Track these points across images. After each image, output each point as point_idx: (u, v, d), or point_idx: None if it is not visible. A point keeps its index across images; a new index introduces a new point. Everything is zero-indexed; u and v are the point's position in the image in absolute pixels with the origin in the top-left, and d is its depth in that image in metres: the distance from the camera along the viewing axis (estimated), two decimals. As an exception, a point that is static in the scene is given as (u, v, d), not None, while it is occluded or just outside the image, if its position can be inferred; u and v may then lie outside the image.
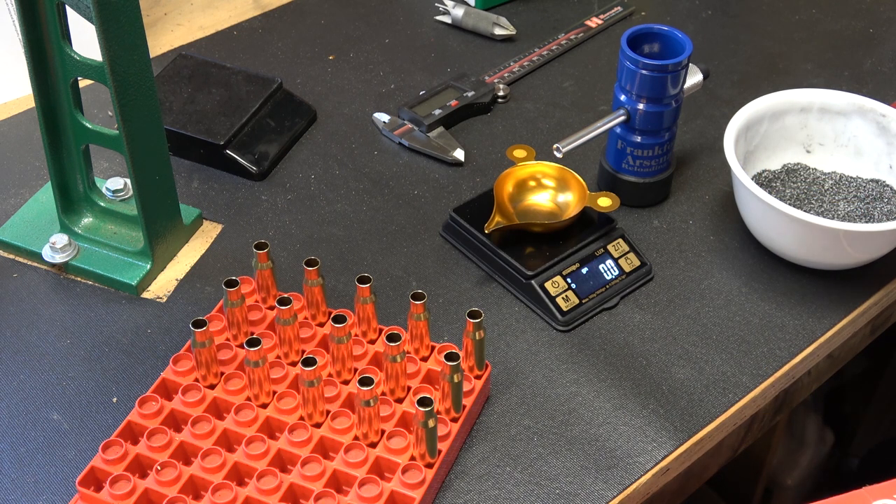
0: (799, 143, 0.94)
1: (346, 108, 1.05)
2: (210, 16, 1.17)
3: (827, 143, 0.94)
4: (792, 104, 0.93)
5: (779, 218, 0.84)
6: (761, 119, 0.92)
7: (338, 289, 0.87)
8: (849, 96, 0.93)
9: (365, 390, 0.69)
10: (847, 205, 0.89)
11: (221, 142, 0.96)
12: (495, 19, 1.13)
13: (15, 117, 1.03)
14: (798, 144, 0.94)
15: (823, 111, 0.94)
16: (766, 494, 1.41)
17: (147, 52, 0.78)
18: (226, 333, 0.80)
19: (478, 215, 0.89)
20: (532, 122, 1.04)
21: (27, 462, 0.75)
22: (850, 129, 0.93)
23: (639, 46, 0.89)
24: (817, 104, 0.93)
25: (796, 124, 0.94)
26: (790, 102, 0.93)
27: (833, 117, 0.94)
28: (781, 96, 0.93)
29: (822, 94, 0.93)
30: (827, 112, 0.94)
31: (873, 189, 0.91)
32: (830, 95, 0.93)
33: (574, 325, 0.84)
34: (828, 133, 0.94)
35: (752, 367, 0.82)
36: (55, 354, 0.82)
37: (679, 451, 0.77)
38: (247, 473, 0.72)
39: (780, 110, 0.93)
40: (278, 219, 0.93)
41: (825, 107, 0.93)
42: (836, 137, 0.94)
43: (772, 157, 0.94)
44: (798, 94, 0.94)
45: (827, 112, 0.94)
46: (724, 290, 0.88)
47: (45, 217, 0.90)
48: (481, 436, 0.77)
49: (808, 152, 0.94)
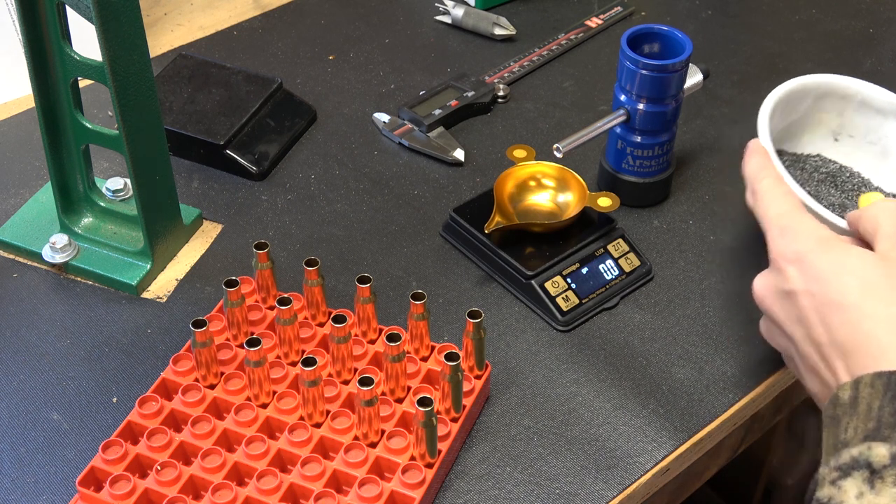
0: (829, 130, 0.92)
1: (346, 108, 1.05)
2: (210, 16, 1.17)
3: (857, 136, 0.92)
4: (836, 89, 0.90)
5: None
6: (801, 98, 0.89)
7: (338, 289, 0.87)
8: (893, 96, 0.90)
9: (365, 390, 0.69)
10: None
11: (221, 142, 0.96)
12: (495, 19, 1.13)
13: (15, 117, 1.03)
14: (828, 131, 0.92)
15: (863, 104, 0.91)
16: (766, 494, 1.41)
17: (147, 52, 0.78)
18: (226, 333, 0.80)
19: (478, 215, 0.89)
20: (532, 122, 1.04)
21: (27, 462, 0.75)
22: (884, 129, 0.91)
23: (639, 46, 0.89)
24: (860, 96, 0.90)
25: (834, 110, 0.91)
26: (834, 86, 0.90)
27: (871, 113, 0.91)
28: (825, 78, 0.90)
29: (868, 88, 0.90)
30: (866, 106, 0.91)
31: None
32: (875, 91, 0.90)
33: (574, 325, 0.84)
34: (860, 127, 0.91)
35: (752, 367, 0.82)
36: (55, 354, 0.82)
37: (679, 451, 0.77)
38: (247, 473, 0.72)
39: (822, 92, 0.90)
40: (278, 219, 0.93)
41: (867, 101, 0.90)
42: (867, 133, 0.91)
43: (800, 137, 0.92)
44: (844, 80, 0.90)
45: (866, 106, 0.91)
46: (724, 290, 0.88)
47: (45, 217, 0.90)
48: (481, 436, 0.77)
49: (836, 140, 0.93)
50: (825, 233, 0.69)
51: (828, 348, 0.65)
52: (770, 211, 0.73)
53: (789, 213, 0.72)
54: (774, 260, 0.70)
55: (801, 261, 0.68)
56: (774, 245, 0.71)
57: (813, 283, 0.66)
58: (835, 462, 0.58)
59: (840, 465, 0.58)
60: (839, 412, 0.61)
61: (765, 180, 0.75)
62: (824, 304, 0.65)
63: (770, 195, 0.74)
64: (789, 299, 0.68)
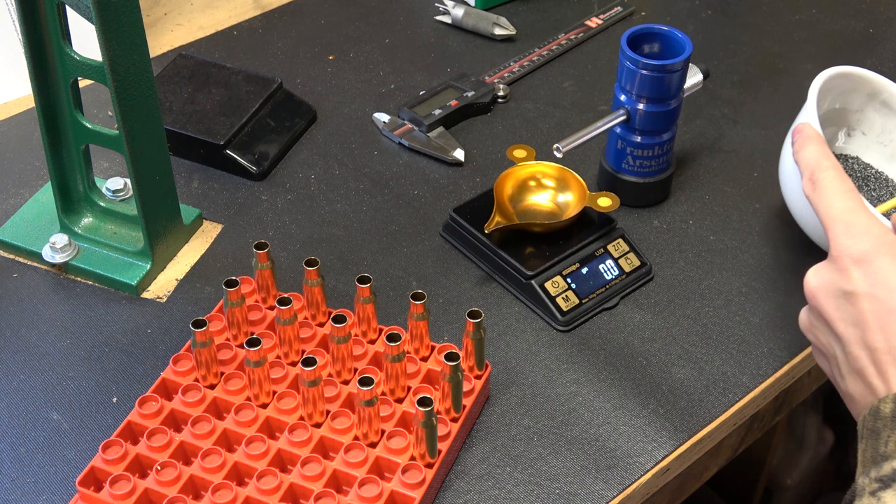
0: (846, 124, 0.92)
1: (346, 108, 1.05)
2: (210, 16, 1.17)
3: (870, 134, 0.92)
4: (863, 83, 0.90)
5: None
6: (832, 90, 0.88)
7: (338, 289, 0.87)
8: None
9: (365, 390, 0.69)
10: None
11: (221, 142, 0.96)
12: (495, 19, 1.13)
13: (15, 117, 1.03)
14: (844, 125, 0.92)
15: (885, 104, 0.91)
16: (766, 494, 1.41)
17: (147, 52, 0.78)
18: (226, 333, 0.80)
19: (478, 215, 0.89)
20: (532, 122, 1.04)
21: (27, 462, 0.75)
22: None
23: (639, 46, 0.89)
24: (884, 94, 0.90)
25: (855, 105, 0.91)
26: (863, 81, 0.90)
27: (889, 114, 0.91)
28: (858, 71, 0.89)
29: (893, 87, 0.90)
30: (888, 107, 0.91)
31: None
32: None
33: (574, 325, 0.84)
34: (876, 125, 0.92)
35: (752, 367, 0.82)
36: (55, 354, 0.82)
37: (679, 451, 0.77)
38: (247, 473, 0.72)
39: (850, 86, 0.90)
40: (278, 219, 0.93)
41: (888, 101, 0.90)
42: (880, 133, 0.92)
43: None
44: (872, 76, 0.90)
45: (888, 107, 0.91)
46: (724, 290, 0.88)
47: (45, 217, 0.90)
48: (481, 436, 0.77)
49: (849, 136, 0.92)
50: (892, 237, 0.67)
51: (883, 355, 0.63)
52: (834, 206, 0.70)
53: (855, 210, 0.69)
54: (837, 258, 0.68)
55: (868, 262, 0.66)
56: (838, 242, 0.68)
57: (878, 287, 0.64)
58: (875, 473, 0.58)
59: (881, 477, 0.58)
60: (879, 425, 0.60)
61: (827, 171, 0.72)
62: (888, 311, 0.64)
63: (833, 189, 0.71)
64: (848, 300, 0.66)
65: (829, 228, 0.70)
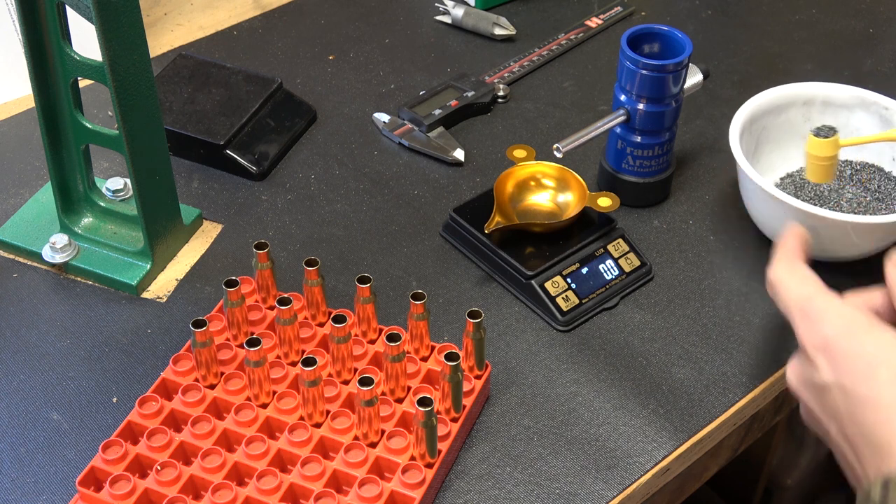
0: (803, 137, 0.94)
1: (346, 108, 1.05)
2: (210, 16, 1.17)
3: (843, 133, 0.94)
4: (795, 98, 0.93)
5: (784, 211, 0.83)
6: (765, 113, 0.92)
7: (338, 289, 0.87)
8: (851, 89, 0.93)
9: (365, 390, 0.69)
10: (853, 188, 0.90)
11: (221, 142, 0.96)
12: (495, 19, 1.13)
13: (15, 117, 1.03)
14: (802, 137, 0.94)
15: (826, 104, 0.94)
16: (765, 494, 1.41)
17: (147, 52, 0.78)
18: (226, 333, 0.80)
19: (478, 215, 0.89)
20: (532, 122, 1.04)
21: (27, 462, 0.75)
22: (853, 123, 0.93)
23: (639, 46, 0.89)
24: (820, 97, 0.94)
25: (800, 118, 0.94)
26: (793, 96, 0.93)
27: (836, 110, 0.94)
28: (784, 90, 0.93)
29: (825, 88, 0.93)
30: (830, 105, 0.94)
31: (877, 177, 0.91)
32: (833, 89, 0.93)
33: (574, 325, 0.84)
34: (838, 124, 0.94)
35: (752, 367, 0.82)
36: (55, 354, 0.82)
37: (679, 451, 0.77)
38: (247, 473, 0.72)
39: (783, 104, 0.93)
40: (278, 219, 0.93)
41: (828, 100, 0.94)
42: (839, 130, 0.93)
43: (775, 150, 0.94)
44: (800, 87, 0.94)
45: (830, 105, 0.94)
46: (724, 290, 0.88)
47: (45, 217, 0.90)
48: (481, 436, 0.77)
49: None
50: (852, 315, 0.65)
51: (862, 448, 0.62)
52: (790, 296, 0.69)
53: (811, 296, 0.67)
54: (803, 348, 0.67)
55: (830, 348, 0.64)
56: (799, 332, 0.67)
57: (844, 375, 0.63)
58: None
59: None
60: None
61: (777, 265, 0.71)
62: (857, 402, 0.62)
63: (787, 281, 0.69)
64: (822, 393, 0.65)
65: (791, 320, 0.69)
